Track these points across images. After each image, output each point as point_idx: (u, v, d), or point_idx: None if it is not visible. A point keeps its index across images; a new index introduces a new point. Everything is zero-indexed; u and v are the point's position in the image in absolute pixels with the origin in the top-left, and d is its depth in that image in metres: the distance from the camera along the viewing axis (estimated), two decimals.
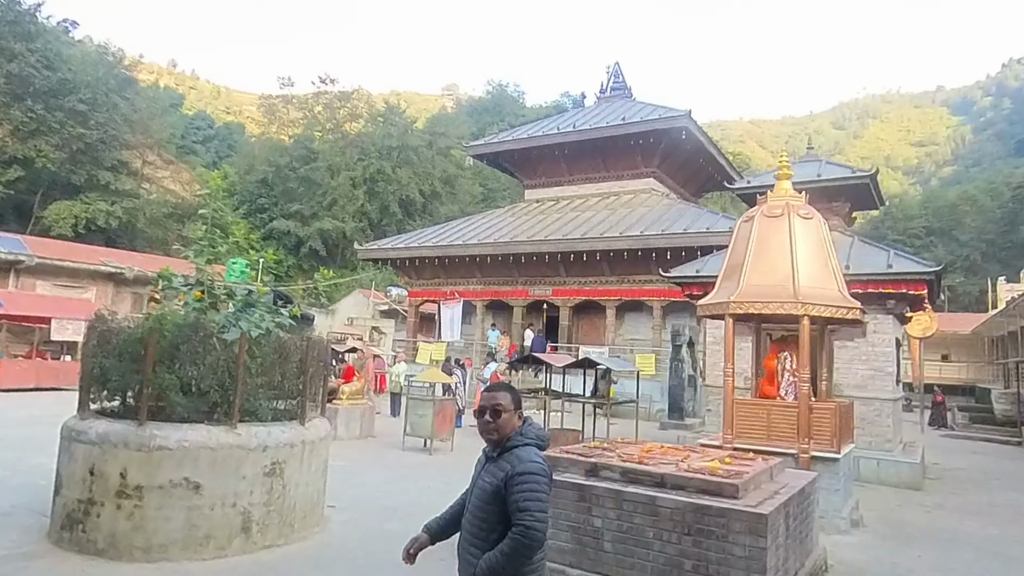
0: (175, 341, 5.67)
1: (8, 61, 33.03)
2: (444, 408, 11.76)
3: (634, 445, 7.00)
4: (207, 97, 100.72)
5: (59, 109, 34.11)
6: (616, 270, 23.12)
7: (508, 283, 24.58)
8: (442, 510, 3.34)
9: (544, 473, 2.72)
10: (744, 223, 9.64)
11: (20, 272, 24.34)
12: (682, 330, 21.02)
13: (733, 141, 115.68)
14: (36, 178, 34.17)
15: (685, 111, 25.64)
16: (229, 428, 5.69)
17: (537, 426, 2.97)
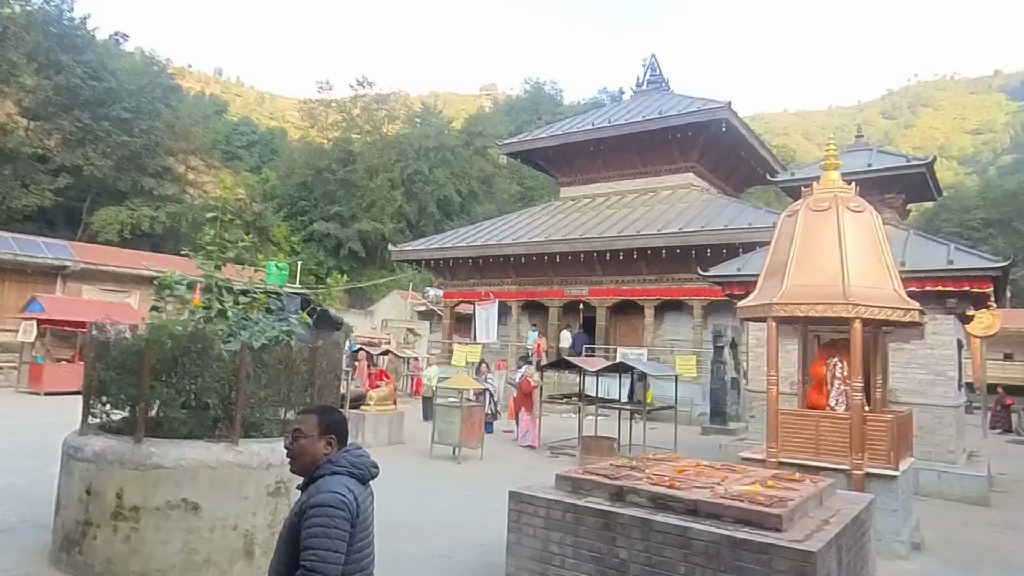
0: (174, 353, 5.37)
1: (56, 73, 34.11)
2: (473, 415, 11.36)
3: (666, 463, 6.46)
4: (251, 103, 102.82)
5: (105, 118, 35.06)
6: (655, 268, 22.38)
7: (543, 283, 24.09)
8: (463, 524, 2.96)
9: (341, 505, 2.37)
10: (788, 218, 8.95)
11: (67, 277, 24.92)
12: (724, 331, 20.22)
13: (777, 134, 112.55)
14: (84, 185, 35.14)
15: (725, 103, 24.67)
16: (230, 445, 5.36)
17: (360, 453, 2.65)
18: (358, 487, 2.53)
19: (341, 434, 2.67)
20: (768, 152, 29.14)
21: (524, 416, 13.17)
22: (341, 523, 2.37)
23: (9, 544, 5.92)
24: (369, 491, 2.68)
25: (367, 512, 2.57)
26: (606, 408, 13.29)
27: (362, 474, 2.59)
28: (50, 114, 34.49)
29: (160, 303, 6.05)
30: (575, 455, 12.44)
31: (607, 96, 73.27)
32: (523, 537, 5.34)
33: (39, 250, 24.96)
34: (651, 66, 31.62)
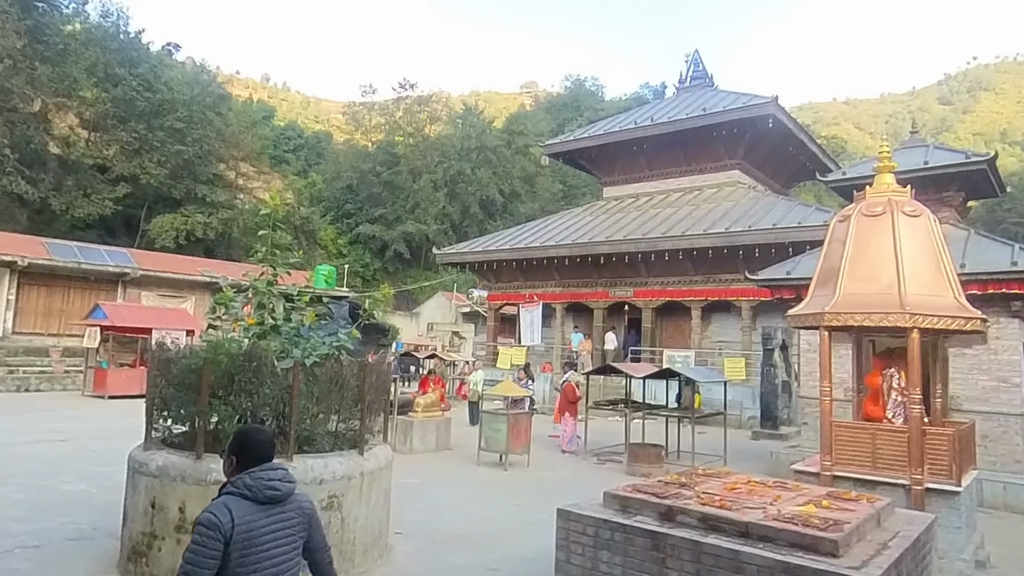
0: (230, 370, 5.56)
1: (114, 86, 35.55)
2: (519, 422, 11.40)
3: (716, 479, 6.37)
4: (297, 108, 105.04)
5: (160, 128, 36.30)
6: (701, 269, 22.06)
7: (588, 285, 24.00)
8: (511, 535, 3.05)
9: (209, 524, 2.53)
10: (840, 223, 8.72)
11: (127, 284, 26.01)
12: (774, 333, 19.72)
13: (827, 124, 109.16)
14: (142, 194, 36.50)
15: (771, 97, 24.13)
16: (285, 461, 5.52)
17: (260, 476, 2.68)
18: (248, 508, 2.61)
19: (243, 455, 2.75)
20: (817, 147, 28.40)
21: (568, 421, 13.16)
22: (209, 542, 2.51)
23: (81, 552, 6.22)
24: (279, 511, 2.72)
25: (260, 532, 2.62)
26: (653, 413, 13.15)
27: (255, 496, 2.64)
28: (109, 126, 35.94)
29: (217, 321, 6.25)
30: (622, 462, 12.37)
31: (649, 91, 72.43)
32: (572, 555, 5.35)
33: (101, 258, 26.13)
34: (694, 61, 31.17)
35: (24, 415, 15.45)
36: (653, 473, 11.49)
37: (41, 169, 32.57)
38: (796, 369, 20.74)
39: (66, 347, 23.20)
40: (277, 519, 2.70)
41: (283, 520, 2.73)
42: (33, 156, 32.26)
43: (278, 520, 2.70)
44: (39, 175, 32.10)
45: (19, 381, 21.40)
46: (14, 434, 12.86)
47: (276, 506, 2.70)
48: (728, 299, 22.19)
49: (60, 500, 8.11)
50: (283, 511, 2.74)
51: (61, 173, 33.86)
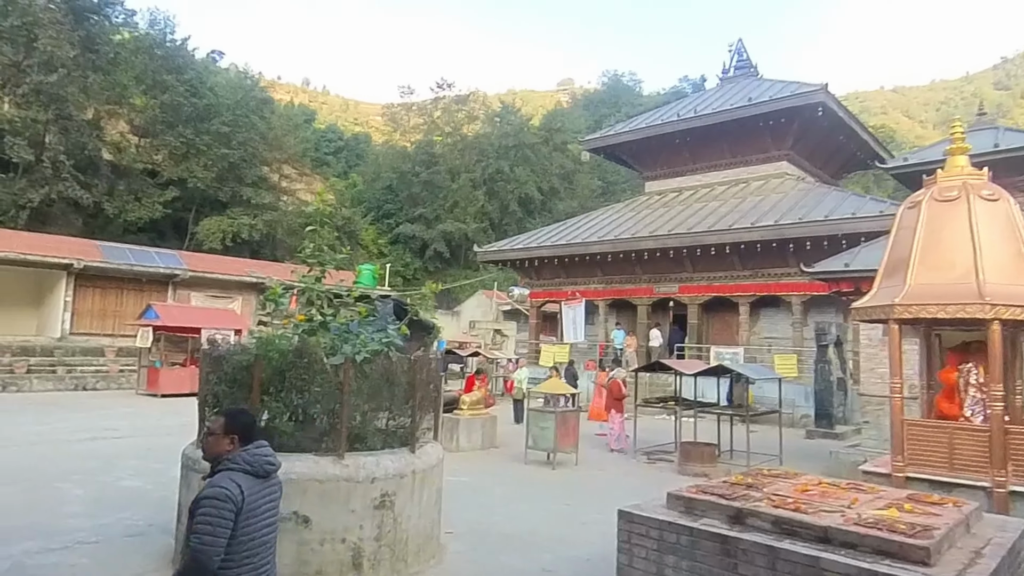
0: (281, 367, 5.48)
1: (161, 92, 36.48)
2: (567, 420, 11.16)
3: (784, 479, 6.04)
4: (336, 110, 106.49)
5: (206, 132, 37.13)
6: (749, 263, 21.44)
7: (631, 281, 23.56)
8: (564, 535, 3.17)
9: (223, 498, 2.73)
10: (908, 210, 8.26)
11: (177, 285, 26.61)
12: (828, 328, 19.07)
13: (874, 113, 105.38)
14: (190, 197, 37.38)
15: (820, 85, 23.28)
16: (336, 459, 5.42)
17: (257, 452, 3.00)
18: (250, 481, 2.89)
19: (244, 434, 3.03)
20: (869, 135, 27.34)
21: (616, 419, 12.86)
22: (224, 513, 2.72)
23: (136, 548, 6.24)
24: (269, 483, 3.06)
25: (258, 503, 2.92)
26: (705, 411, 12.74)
27: (256, 470, 2.94)
28: (157, 131, 36.90)
29: (267, 317, 6.19)
30: (672, 461, 12.02)
31: (688, 84, 71.18)
32: (635, 559, 5.11)
33: (152, 260, 26.79)
34: (738, 51, 30.37)
35: (82, 413, 15.88)
36: (707, 473, 11.13)
37: (95, 174, 33.57)
38: (851, 366, 20.08)
39: (120, 347, 23.82)
40: (269, 491, 3.04)
41: (271, 491, 3.08)
42: (87, 162, 33.26)
43: (270, 492, 3.05)
44: (93, 180, 33.10)
45: (77, 380, 22.05)
46: (73, 431, 13.20)
47: (267, 479, 3.04)
48: (777, 294, 21.52)
49: (117, 496, 8.21)
50: (271, 483, 3.08)
51: (113, 178, 34.88)
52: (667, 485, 10.35)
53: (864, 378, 12.81)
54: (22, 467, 9.71)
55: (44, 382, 21.36)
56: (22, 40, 30.55)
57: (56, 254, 23.95)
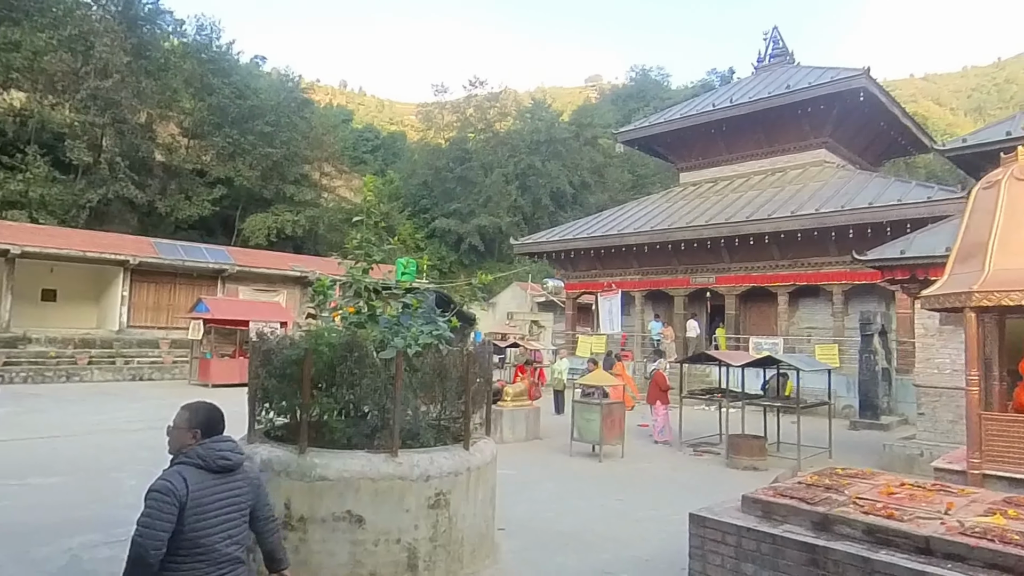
0: (332, 361, 5.08)
1: (208, 95, 36.71)
2: (613, 412, 10.64)
3: (862, 479, 5.45)
4: (372, 111, 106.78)
5: (250, 133, 37.23)
6: (788, 253, 20.54)
7: (667, 272, 22.83)
8: (619, 534, 2.66)
9: (165, 491, 2.64)
10: (985, 191, 7.50)
11: (225, 279, 26.75)
12: (873, 318, 18.14)
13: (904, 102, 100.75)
14: (236, 195, 37.63)
15: (862, 69, 22.07)
16: (390, 456, 5.01)
17: (212, 446, 2.82)
18: (200, 476, 2.72)
19: (206, 428, 2.86)
20: (911, 120, 25.99)
21: (660, 411, 12.29)
22: (164, 506, 2.60)
23: None
24: (229, 480, 2.83)
25: (210, 499, 2.72)
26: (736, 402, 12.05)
27: (207, 464, 2.76)
28: (205, 132, 37.18)
29: (316, 310, 5.80)
30: (719, 453, 11.43)
31: (717, 77, 69.30)
32: (709, 566, 4.60)
33: (202, 256, 26.95)
34: (773, 39, 29.18)
35: (137, 403, 15.91)
36: (757, 466, 10.52)
37: (148, 175, 33.98)
38: (895, 355, 19.11)
39: (174, 339, 24.03)
40: (227, 488, 2.80)
41: (232, 489, 2.83)
42: (141, 163, 33.69)
43: (228, 488, 2.81)
44: (146, 180, 33.50)
45: (134, 371, 22.29)
46: (129, 421, 13.16)
47: (227, 475, 2.81)
48: (818, 284, 20.60)
49: None
50: (233, 480, 2.84)
51: (165, 178, 35.27)
52: (717, 479, 9.81)
53: (919, 368, 11.96)
54: (80, 457, 9.65)
55: (104, 372, 21.62)
56: (80, 48, 31.14)
57: (113, 251, 24.26)
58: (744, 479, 9.83)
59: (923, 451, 11.09)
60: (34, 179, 29.01)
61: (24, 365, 20.53)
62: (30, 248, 22.20)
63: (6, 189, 28.51)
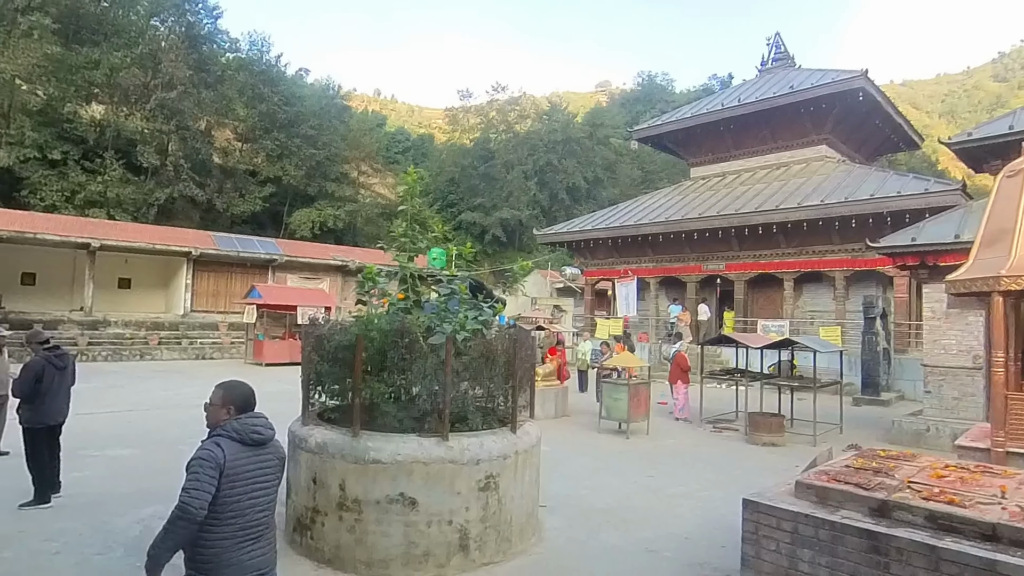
0: (382, 347, 4.67)
1: (259, 103, 36.48)
2: (639, 392, 10.16)
3: (907, 461, 4.93)
4: (403, 116, 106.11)
5: (296, 136, 36.99)
6: (793, 242, 19.77)
7: (680, 260, 22.13)
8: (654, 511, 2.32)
9: (207, 458, 2.63)
10: (1008, 179, 6.89)
11: (275, 268, 26.58)
12: (875, 302, 17.39)
13: None
14: (284, 192, 37.45)
15: (861, 71, 21.14)
16: (440, 440, 4.61)
17: (246, 421, 2.79)
18: (235, 447, 2.70)
19: (239, 405, 2.84)
20: (903, 119, 24.92)
21: (680, 390, 11.78)
22: (207, 471, 2.59)
23: None
24: (261, 453, 2.78)
25: (244, 468, 2.69)
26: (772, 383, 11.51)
27: (242, 438, 2.73)
28: (256, 136, 37.00)
29: (365, 296, 5.38)
30: (738, 430, 10.91)
31: (717, 82, 67.74)
32: (763, 551, 4.13)
33: (254, 247, 26.81)
34: (775, 44, 28.10)
35: (201, 380, 15.71)
36: (776, 443, 10.00)
37: (207, 176, 33.90)
38: (893, 337, 18.36)
39: (231, 322, 23.95)
40: (258, 459, 2.77)
41: (264, 460, 2.80)
42: (201, 165, 33.60)
43: (260, 460, 2.78)
44: (206, 181, 33.43)
45: (197, 350, 22.26)
46: (193, 397, 12.87)
47: (259, 448, 2.78)
48: (821, 270, 19.84)
49: None
50: (264, 453, 2.81)
51: (222, 178, 35.19)
52: (739, 455, 9.30)
53: (927, 349, 11.35)
54: (152, 430, 9.47)
55: (171, 352, 21.61)
56: (149, 64, 31.50)
57: (178, 244, 24.19)
58: (764, 455, 9.33)
59: (929, 427, 10.59)
60: (111, 181, 29.30)
61: (105, 345, 20.58)
62: (108, 242, 22.27)
63: (87, 190, 28.80)
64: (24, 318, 19.65)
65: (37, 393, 5.81)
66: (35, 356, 6.03)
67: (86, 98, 31.17)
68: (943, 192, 16.79)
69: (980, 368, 10.72)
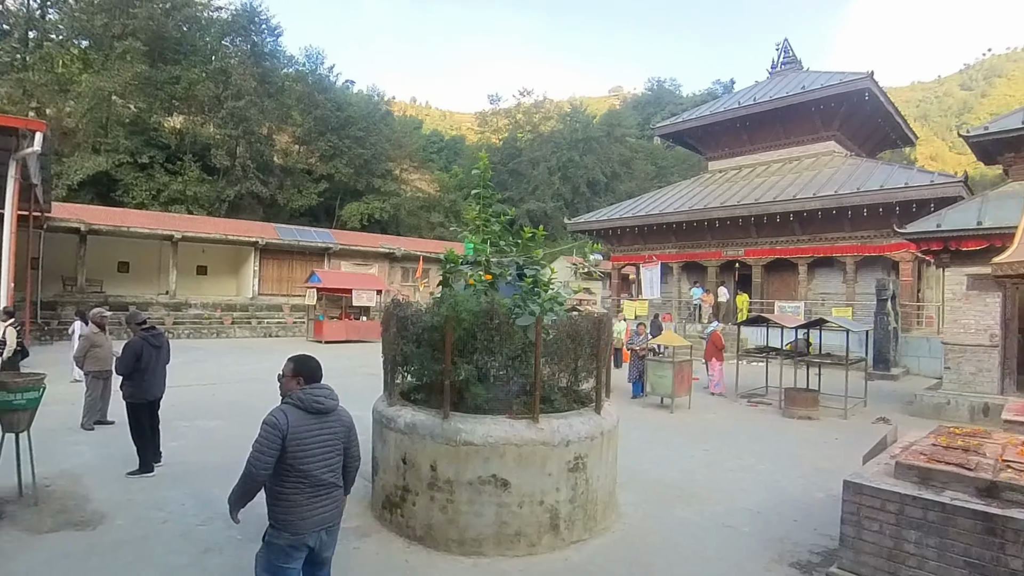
0: (471, 328, 4.18)
1: (314, 109, 36.21)
2: (683, 369, 9.57)
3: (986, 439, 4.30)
4: (436, 120, 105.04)
5: (346, 138, 36.67)
6: (808, 229, 18.80)
7: (702, 246, 21.24)
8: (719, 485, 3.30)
9: (271, 424, 2.61)
10: None
11: (330, 256, 26.39)
12: (887, 284, 16.50)
13: None
14: (336, 188, 37.20)
15: (867, 73, 20.07)
16: (531, 422, 4.11)
17: (311, 391, 2.73)
18: (298, 414, 2.67)
19: (307, 376, 2.79)
20: (901, 118, 23.64)
21: (716, 366, 11.16)
22: (271, 436, 2.58)
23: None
24: (325, 420, 2.72)
25: (308, 434, 2.65)
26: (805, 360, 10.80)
27: (306, 406, 2.69)
28: (311, 139, 36.75)
29: (449, 276, 4.89)
30: (771, 404, 10.29)
31: (720, 86, 65.71)
32: (864, 532, 3.57)
33: (312, 237, 26.62)
34: (784, 49, 26.79)
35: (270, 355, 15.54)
36: (811, 416, 9.37)
37: (269, 174, 33.85)
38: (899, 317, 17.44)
39: (293, 304, 23.86)
40: (323, 426, 2.71)
41: (328, 427, 2.73)
42: (264, 166, 33.57)
43: (324, 427, 2.71)
44: (268, 179, 33.40)
45: (264, 329, 22.21)
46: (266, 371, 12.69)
47: (323, 416, 2.72)
48: (832, 255, 18.87)
49: None
50: (329, 420, 2.74)
51: (282, 176, 35.10)
52: (780, 428, 8.66)
53: (948, 328, 10.63)
54: (234, 402, 9.20)
55: (242, 330, 21.59)
56: (220, 79, 31.75)
57: (247, 235, 24.09)
58: (802, 427, 8.74)
59: (949, 400, 9.97)
60: (189, 180, 29.75)
61: (187, 324, 20.63)
62: (188, 234, 22.26)
63: (170, 189, 29.30)
64: (121, 301, 19.81)
65: (137, 371, 5.54)
66: (133, 336, 5.71)
67: (168, 110, 31.86)
68: (946, 184, 16.07)
69: (996, 346, 10.04)
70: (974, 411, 9.60)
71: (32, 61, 28.24)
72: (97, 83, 27.17)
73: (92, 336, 7.26)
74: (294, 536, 2.62)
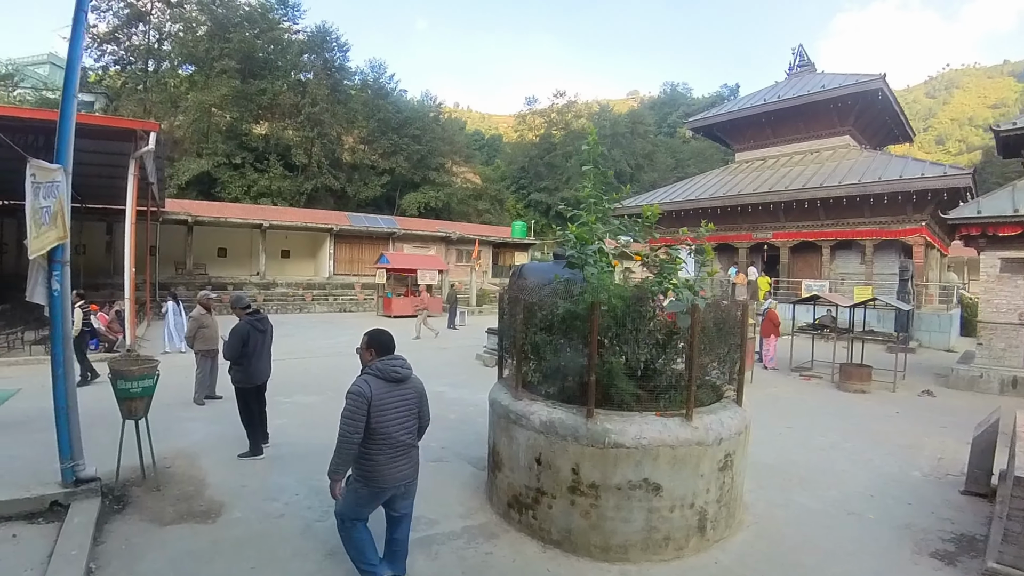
0: (620, 317, 3.17)
1: (377, 112, 35.40)
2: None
3: None
4: (476, 121, 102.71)
5: (405, 136, 35.82)
6: (831, 215, 17.08)
7: (734, 229, 19.64)
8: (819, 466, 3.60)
9: (357, 393, 2.52)
10: None
11: (394, 240, 25.69)
12: (909, 266, 14.91)
13: None
14: (396, 180, 36.46)
15: (880, 74, 18.21)
16: (684, 421, 3.14)
17: (388, 361, 2.63)
18: (379, 383, 2.57)
19: (380, 348, 2.68)
20: (904, 116, 21.32)
21: (771, 342, 9.95)
22: (357, 403, 2.50)
23: (448, 479, 4.31)
24: (401, 387, 2.63)
25: (388, 401, 2.56)
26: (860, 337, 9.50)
27: (385, 376, 2.60)
28: (375, 138, 35.94)
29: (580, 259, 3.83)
30: (822, 377, 9.09)
31: (727, 89, 62.15)
32: None
33: (378, 223, 25.92)
34: (799, 53, 24.27)
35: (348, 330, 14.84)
36: (865, 390, 8.17)
37: (339, 170, 33.44)
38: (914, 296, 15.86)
39: (364, 283, 23.38)
40: (398, 393, 2.61)
41: (402, 394, 2.63)
42: (335, 162, 33.15)
43: (399, 394, 2.62)
44: (339, 174, 33.03)
45: (339, 305, 21.77)
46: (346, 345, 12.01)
47: (398, 384, 2.63)
48: (852, 239, 17.15)
49: None
50: (403, 388, 2.64)
51: (350, 171, 34.62)
52: (843, 403, 7.22)
53: (982, 307, 9.61)
54: (322, 377, 8.30)
55: (320, 306, 21.20)
56: (299, 89, 31.69)
57: (322, 222, 23.60)
58: (860, 401, 7.63)
59: (982, 373, 9.06)
60: (274, 177, 29.75)
61: (275, 301, 20.33)
62: (274, 222, 21.95)
63: (258, 185, 29.40)
64: (221, 282, 19.67)
65: (244, 355, 4.76)
66: (239, 321, 4.89)
67: (256, 117, 31.98)
68: (957, 175, 14.64)
69: (1023, 324, 8.77)
70: (1004, 384, 8.84)
71: (151, 84, 29.65)
72: (200, 98, 28.29)
73: (200, 317, 6.58)
74: (376, 488, 2.57)
